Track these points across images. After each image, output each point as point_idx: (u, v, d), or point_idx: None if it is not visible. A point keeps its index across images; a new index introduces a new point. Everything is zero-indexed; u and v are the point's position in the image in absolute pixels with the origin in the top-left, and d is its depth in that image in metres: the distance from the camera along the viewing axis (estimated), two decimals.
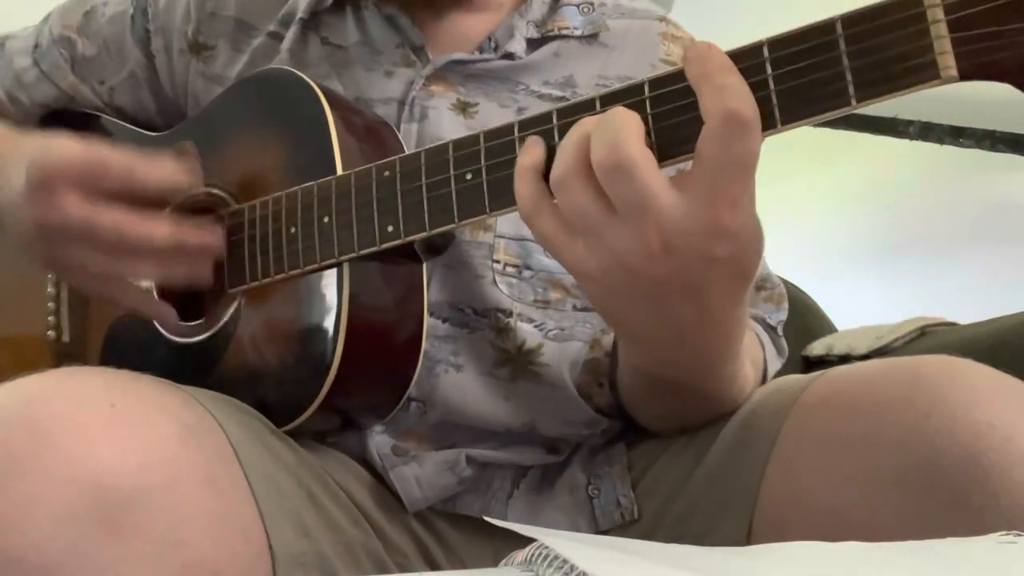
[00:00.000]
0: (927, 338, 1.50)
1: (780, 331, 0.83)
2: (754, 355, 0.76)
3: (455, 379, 0.72)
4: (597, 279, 0.55)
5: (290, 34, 0.80)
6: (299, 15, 0.80)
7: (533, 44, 0.79)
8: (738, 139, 0.50)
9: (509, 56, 0.78)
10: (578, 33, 0.80)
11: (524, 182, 0.56)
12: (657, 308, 0.55)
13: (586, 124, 0.53)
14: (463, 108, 0.76)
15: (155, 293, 0.75)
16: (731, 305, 0.57)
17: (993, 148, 2.43)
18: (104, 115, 0.88)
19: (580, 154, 0.52)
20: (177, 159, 0.68)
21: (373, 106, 0.76)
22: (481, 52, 0.78)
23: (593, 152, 0.52)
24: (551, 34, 0.79)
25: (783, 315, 0.83)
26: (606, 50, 0.80)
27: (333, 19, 0.81)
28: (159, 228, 0.66)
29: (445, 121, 0.74)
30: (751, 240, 0.53)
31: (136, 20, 0.86)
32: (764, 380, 0.79)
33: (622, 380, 0.73)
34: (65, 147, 0.66)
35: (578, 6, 0.81)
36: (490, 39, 0.79)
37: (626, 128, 0.51)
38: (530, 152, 0.56)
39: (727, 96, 0.50)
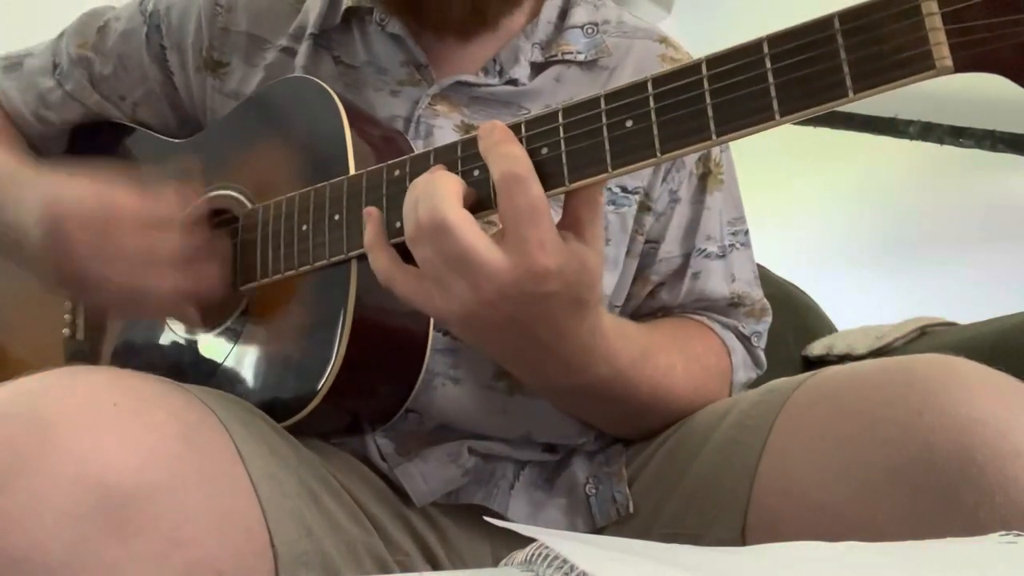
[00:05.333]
0: (927, 338, 1.50)
1: (755, 341, 0.84)
2: (696, 352, 0.78)
3: (452, 392, 0.72)
4: (455, 323, 0.61)
5: (303, 50, 0.80)
6: (310, 30, 0.80)
7: (536, 68, 0.80)
8: (519, 193, 0.56)
9: (512, 82, 0.78)
10: (581, 58, 0.80)
11: (375, 255, 0.62)
12: (512, 338, 0.61)
13: (415, 187, 0.59)
14: (467, 130, 0.76)
15: None
16: (578, 322, 0.62)
17: (993, 148, 2.43)
18: (129, 124, 0.89)
19: (415, 215, 0.58)
20: (181, 184, 0.72)
21: None
22: (486, 74, 0.78)
23: (418, 215, 0.58)
24: (555, 59, 0.80)
25: (762, 327, 0.84)
26: (606, 72, 0.80)
27: (343, 37, 0.81)
28: (164, 280, 0.69)
29: (449, 140, 0.75)
30: (579, 271, 0.58)
31: (151, 37, 0.86)
32: (731, 386, 0.81)
33: None
34: (76, 197, 0.69)
35: (583, 27, 0.81)
36: (495, 61, 0.79)
37: (444, 191, 0.58)
38: (371, 226, 0.63)
39: (504, 162, 0.57)
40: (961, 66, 0.49)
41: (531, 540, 0.38)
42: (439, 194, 0.57)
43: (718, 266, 0.82)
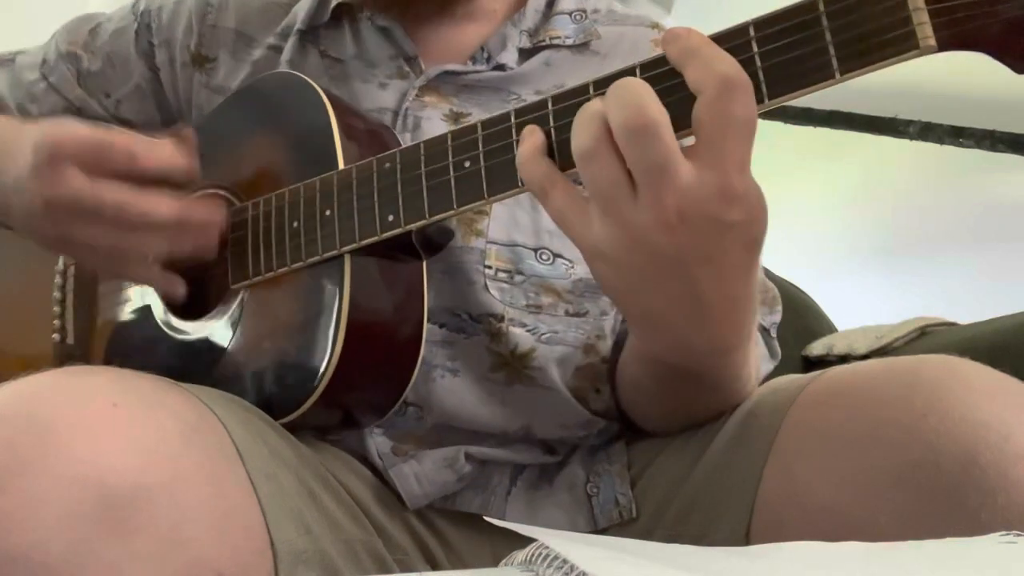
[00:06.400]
0: (927, 338, 1.49)
1: (773, 333, 0.83)
2: (756, 351, 0.76)
3: (451, 383, 0.72)
4: (611, 257, 0.54)
5: (289, 45, 0.81)
6: (297, 26, 0.81)
7: (525, 54, 0.80)
8: (737, 102, 0.51)
9: (501, 67, 0.78)
10: (570, 42, 0.80)
11: (532, 163, 0.56)
12: (673, 283, 0.55)
13: (592, 103, 0.54)
14: (456, 118, 0.76)
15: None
16: (744, 276, 0.57)
17: (993, 148, 2.42)
18: (111, 125, 0.89)
19: (600, 125, 0.52)
20: (176, 144, 0.69)
21: None
22: (474, 62, 0.79)
23: (614, 118, 0.52)
24: (543, 44, 0.80)
25: (776, 317, 0.84)
26: (597, 58, 0.81)
27: (331, 32, 0.82)
28: (162, 203, 0.67)
29: (437, 131, 0.74)
30: (759, 203, 0.54)
31: (140, 34, 0.87)
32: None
33: (629, 374, 0.73)
34: (70, 127, 0.67)
35: (570, 14, 0.82)
36: (483, 49, 0.79)
37: (645, 92, 0.52)
38: (532, 137, 0.57)
39: (717, 64, 0.51)
40: (944, 45, 0.49)
41: (531, 540, 0.38)
42: (641, 93, 0.51)
43: None
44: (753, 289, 0.59)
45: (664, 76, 0.54)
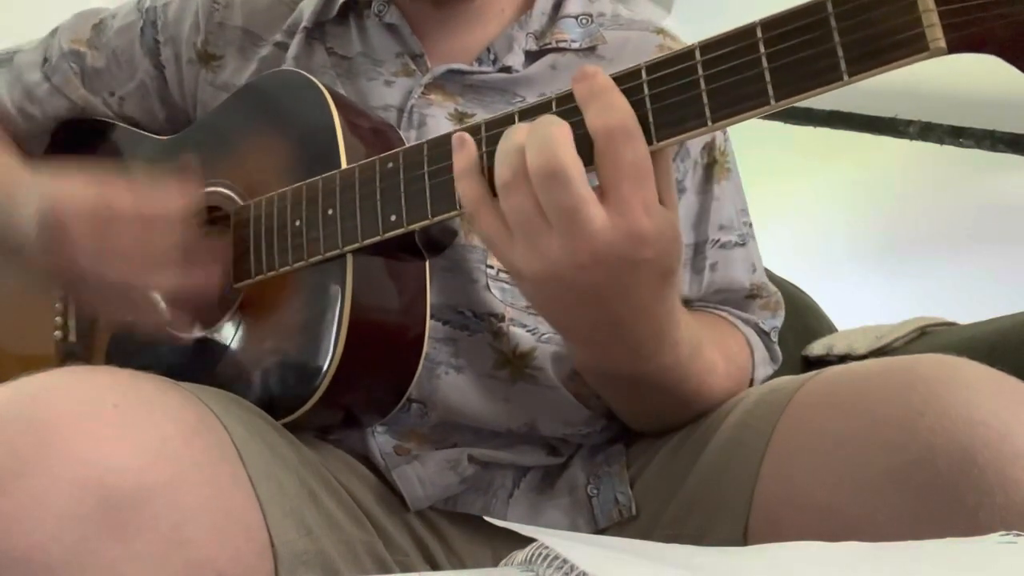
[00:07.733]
0: (927, 338, 1.49)
1: (774, 337, 0.83)
2: (732, 352, 0.77)
3: (455, 380, 0.72)
4: (532, 282, 0.58)
5: (295, 43, 0.81)
6: (304, 24, 0.81)
7: (531, 56, 0.80)
8: (627, 149, 0.54)
9: (506, 69, 0.78)
10: (576, 46, 0.80)
11: (465, 182, 0.58)
12: (589, 310, 0.59)
13: (519, 131, 0.56)
14: (460, 118, 0.76)
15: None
16: (659, 300, 0.60)
17: (993, 148, 2.42)
18: (114, 121, 0.89)
19: (519, 159, 0.54)
20: (180, 179, 0.71)
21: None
22: (480, 63, 0.79)
23: (529, 160, 0.54)
24: (549, 47, 0.80)
25: (778, 322, 0.84)
26: (603, 62, 0.80)
27: (337, 29, 0.82)
28: (163, 281, 0.69)
29: (442, 129, 0.75)
30: (672, 239, 0.57)
31: (145, 31, 0.87)
32: (751, 383, 0.80)
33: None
34: (74, 195, 0.69)
35: (576, 18, 0.82)
36: (489, 50, 0.79)
37: (561, 137, 0.54)
38: (464, 152, 0.59)
39: (610, 113, 0.54)
40: (954, 47, 0.49)
41: (532, 541, 0.38)
42: (556, 139, 0.54)
43: (739, 254, 0.83)
44: (671, 305, 0.62)
45: (663, 80, 0.55)
